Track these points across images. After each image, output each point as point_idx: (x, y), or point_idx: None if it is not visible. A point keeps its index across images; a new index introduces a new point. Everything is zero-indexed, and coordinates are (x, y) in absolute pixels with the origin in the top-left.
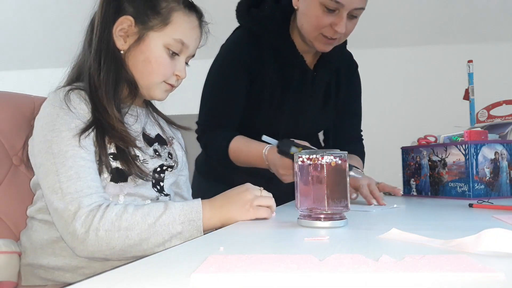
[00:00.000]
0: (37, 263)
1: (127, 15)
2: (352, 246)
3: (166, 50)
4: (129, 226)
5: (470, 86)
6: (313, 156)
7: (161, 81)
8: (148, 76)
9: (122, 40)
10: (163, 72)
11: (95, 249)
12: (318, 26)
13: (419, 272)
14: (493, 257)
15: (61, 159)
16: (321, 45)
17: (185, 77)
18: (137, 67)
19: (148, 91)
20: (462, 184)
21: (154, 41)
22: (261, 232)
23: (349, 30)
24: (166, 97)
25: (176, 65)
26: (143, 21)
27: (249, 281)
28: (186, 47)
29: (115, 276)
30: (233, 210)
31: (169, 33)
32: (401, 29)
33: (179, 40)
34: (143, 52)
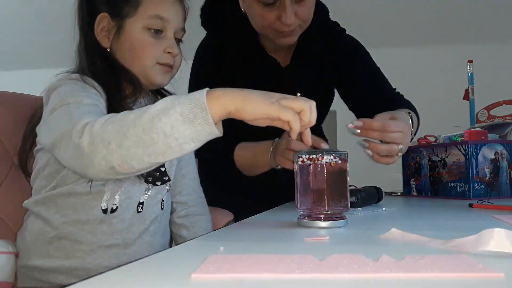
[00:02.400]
0: (31, 264)
1: (102, 12)
2: (352, 246)
3: (147, 31)
4: (123, 117)
5: (470, 86)
6: (313, 156)
7: (153, 64)
8: (138, 63)
9: (106, 38)
10: (151, 53)
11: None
12: (265, 24)
13: (419, 272)
14: (493, 257)
15: (76, 105)
16: (282, 40)
17: (178, 53)
18: (126, 58)
19: (146, 79)
20: (462, 184)
21: (132, 27)
22: (261, 232)
23: (305, 15)
24: (168, 80)
25: (163, 43)
26: (117, 12)
27: (249, 281)
28: (167, 21)
29: (115, 276)
30: (257, 95)
31: (143, 13)
32: (401, 29)
33: (155, 16)
34: (126, 41)
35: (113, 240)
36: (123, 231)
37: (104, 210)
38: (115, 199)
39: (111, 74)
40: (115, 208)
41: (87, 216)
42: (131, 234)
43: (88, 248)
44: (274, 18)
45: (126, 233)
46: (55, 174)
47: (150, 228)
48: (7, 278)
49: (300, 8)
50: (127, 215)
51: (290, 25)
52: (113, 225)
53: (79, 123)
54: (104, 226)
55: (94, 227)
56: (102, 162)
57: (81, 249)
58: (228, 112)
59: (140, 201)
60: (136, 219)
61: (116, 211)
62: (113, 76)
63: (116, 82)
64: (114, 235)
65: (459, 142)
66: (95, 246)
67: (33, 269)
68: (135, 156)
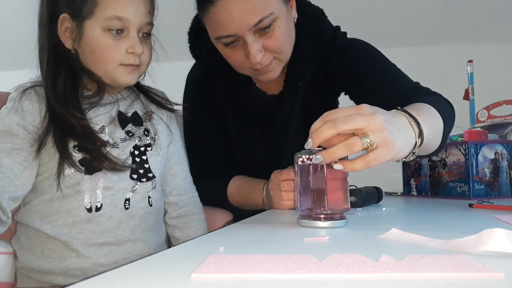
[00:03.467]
0: (28, 266)
1: (63, 13)
2: (352, 246)
3: (106, 32)
4: None
5: (470, 86)
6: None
7: (116, 66)
8: (100, 66)
9: (69, 39)
10: (112, 56)
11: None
12: (237, 64)
13: (419, 272)
14: (493, 257)
15: None
16: (263, 77)
17: (141, 52)
18: (88, 60)
19: (112, 80)
20: (462, 184)
21: (91, 29)
22: (261, 232)
23: (276, 47)
24: (136, 78)
25: (125, 42)
26: (76, 14)
27: (249, 281)
28: (126, 19)
29: (115, 276)
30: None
31: (100, 14)
32: (401, 29)
33: (112, 17)
34: (87, 43)
35: (104, 238)
36: (113, 228)
37: (88, 209)
38: (98, 197)
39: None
40: (100, 206)
41: (73, 218)
42: (121, 231)
43: (81, 248)
44: (242, 57)
45: (116, 230)
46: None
47: (141, 224)
48: (7, 279)
49: (268, 40)
50: (114, 212)
51: (258, 63)
52: (102, 223)
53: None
54: (92, 225)
55: (82, 227)
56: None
57: (74, 249)
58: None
59: (126, 198)
60: (125, 215)
61: (101, 209)
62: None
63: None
64: (105, 233)
65: (459, 142)
66: (87, 245)
67: (31, 270)
68: None
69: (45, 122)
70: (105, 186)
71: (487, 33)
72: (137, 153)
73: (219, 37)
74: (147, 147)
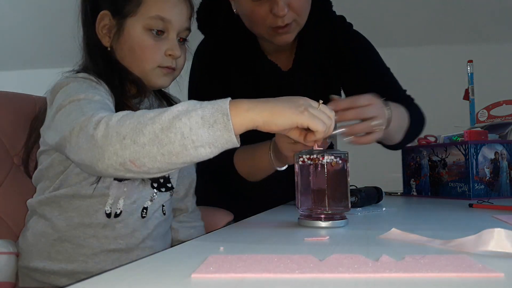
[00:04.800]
0: (33, 266)
1: (104, 10)
2: (352, 246)
3: (147, 32)
4: (142, 113)
5: (470, 86)
6: (313, 156)
7: (154, 67)
8: (138, 65)
9: (107, 37)
10: (151, 56)
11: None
12: (258, 20)
13: (419, 272)
14: (493, 257)
15: (87, 101)
16: (278, 39)
17: (179, 55)
18: (126, 58)
19: (147, 81)
20: (462, 184)
21: (133, 27)
22: (261, 232)
23: (299, 7)
24: (170, 81)
25: (165, 44)
26: (118, 10)
27: (249, 281)
28: (168, 21)
29: (115, 276)
30: (284, 106)
31: (144, 13)
32: (401, 29)
33: (155, 17)
34: (126, 41)
35: (116, 244)
36: (127, 236)
37: (108, 214)
38: (119, 204)
39: (113, 73)
40: (119, 212)
41: (91, 219)
42: (134, 239)
43: (91, 252)
44: (265, 12)
45: (129, 238)
46: (59, 175)
47: (153, 233)
48: (8, 278)
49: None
50: (131, 220)
51: (283, 16)
52: (117, 229)
53: (95, 115)
54: (107, 231)
55: (98, 231)
56: (113, 156)
57: (84, 253)
58: (255, 125)
59: (144, 206)
60: (140, 224)
61: (120, 216)
62: (116, 76)
63: (119, 82)
64: (118, 240)
65: (459, 142)
66: (98, 250)
67: (34, 270)
68: (149, 154)
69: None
70: (128, 194)
71: (487, 33)
72: None
73: None
74: None
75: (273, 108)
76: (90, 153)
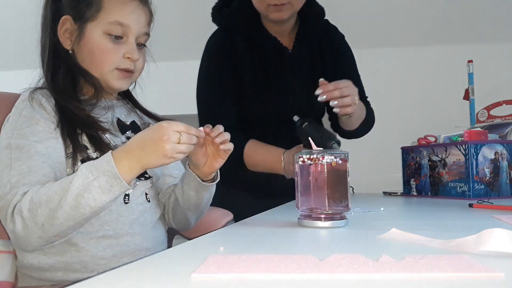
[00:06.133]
0: (29, 263)
1: (66, 15)
2: (352, 246)
3: (107, 36)
4: (48, 198)
5: (470, 86)
6: (313, 156)
7: (112, 69)
8: (96, 67)
9: (68, 40)
10: (109, 59)
11: (26, 233)
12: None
13: (419, 272)
14: (493, 257)
15: (17, 154)
16: (273, 15)
17: (137, 58)
18: (85, 61)
19: (105, 83)
20: (462, 184)
21: (93, 31)
22: (261, 232)
23: None
24: (128, 84)
25: (123, 48)
26: (80, 16)
27: (249, 281)
28: (127, 26)
29: (115, 276)
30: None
31: (104, 18)
32: (401, 29)
33: (114, 22)
34: (86, 45)
35: (104, 231)
36: (112, 222)
37: None
38: None
39: (65, 74)
40: None
41: None
42: (121, 224)
43: (81, 241)
44: None
45: (115, 223)
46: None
47: (139, 219)
48: (7, 278)
49: None
50: (114, 206)
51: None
52: (101, 216)
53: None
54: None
55: None
56: (38, 240)
57: (74, 243)
58: (137, 172)
59: (126, 193)
60: (124, 209)
61: None
62: (68, 77)
63: (73, 86)
64: (104, 226)
65: (459, 142)
66: (87, 238)
67: (30, 267)
68: (68, 227)
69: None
70: None
71: (487, 33)
72: None
73: None
74: None
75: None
76: (16, 242)
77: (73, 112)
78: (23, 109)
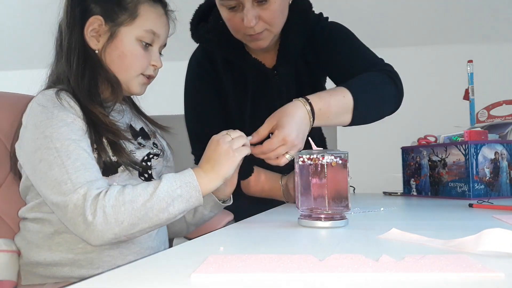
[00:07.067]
0: (35, 260)
1: (95, 15)
2: (352, 246)
3: (139, 42)
4: (132, 198)
5: (470, 86)
6: (313, 156)
7: (138, 74)
8: (125, 70)
9: (95, 40)
10: (140, 64)
11: (104, 228)
12: (234, 28)
13: (419, 272)
14: (493, 257)
15: (65, 153)
16: (253, 44)
17: (161, 66)
18: (114, 63)
19: (127, 86)
20: (462, 184)
21: (127, 36)
22: (261, 232)
23: (270, 19)
24: (144, 91)
25: (150, 55)
26: (112, 18)
27: (249, 281)
28: (158, 36)
29: (115, 276)
30: (223, 164)
31: (139, 25)
32: (401, 29)
33: (149, 31)
34: (118, 47)
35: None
36: None
37: None
38: None
39: (90, 74)
40: None
41: None
42: None
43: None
44: (239, 21)
45: None
46: None
47: None
48: (10, 277)
49: (264, 11)
50: None
51: (251, 27)
52: None
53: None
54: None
55: None
56: (111, 235)
57: (82, 240)
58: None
59: None
60: None
61: None
62: (92, 77)
63: (94, 82)
64: None
65: (459, 142)
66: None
67: (37, 265)
68: (141, 229)
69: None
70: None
71: (487, 33)
72: (145, 159)
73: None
74: (154, 156)
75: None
76: (87, 233)
77: (98, 118)
78: (53, 108)
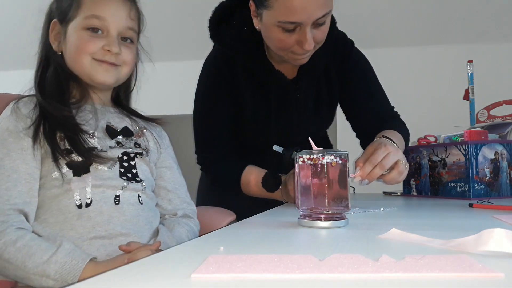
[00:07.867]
0: None
1: (54, 19)
2: (352, 246)
3: (85, 31)
4: (10, 259)
5: (470, 86)
6: (313, 156)
7: (89, 59)
8: (77, 62)
9: (57, 43)
10: (86, 49)
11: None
12: (284, 47)
13: (419, 272)
14: (493, 257)
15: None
16: (295, 61)
17: (117, 51)
18: (69, 60)
19: (89, 77)
20: (462, 184)
21: (74, 29)
22: (261, 232)
23: (321, 38)
24: (113, 78)
25: (103, 41)
26: (64, 18)
27: (249, 281)
28: (104, 19)
29: (115, 276)
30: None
31: (81, 14)
32: (401, 29)
33: (90, 16)
34: (69, 43)
35: (96, 232)
36: (104, 223)
37: (78, 205)
38: (87, 194)
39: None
40: (90, 202)
41: (64, 215)
42: (112, 225)
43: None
44: (293, 42)
45: (107, 224)
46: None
47: (132, 220)
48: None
49: (318, 32)
50: (105, 207)
51: (310, 50)
52: (92, 218)
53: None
54: (83, 221)
55: (73, 223)
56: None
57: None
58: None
59: (116, 194)
60: (115, 210)
61: (91, 205)
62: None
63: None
64: (96, 228)
65: (459, 142)
66: (80, 241)
67: None
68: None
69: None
70: (93, 184)
71: (487, 33)
72: (126, 158)
73: (283, 22)
74: (137, 155)
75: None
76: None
77: (51, 113)
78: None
